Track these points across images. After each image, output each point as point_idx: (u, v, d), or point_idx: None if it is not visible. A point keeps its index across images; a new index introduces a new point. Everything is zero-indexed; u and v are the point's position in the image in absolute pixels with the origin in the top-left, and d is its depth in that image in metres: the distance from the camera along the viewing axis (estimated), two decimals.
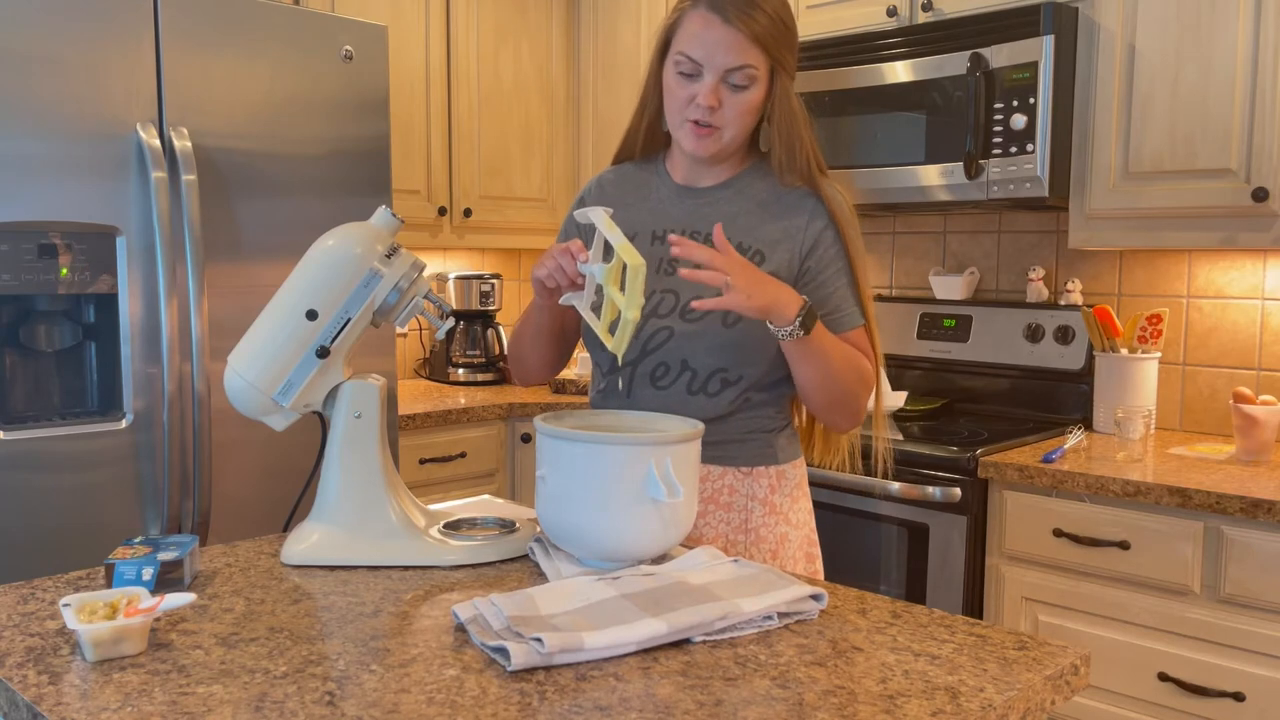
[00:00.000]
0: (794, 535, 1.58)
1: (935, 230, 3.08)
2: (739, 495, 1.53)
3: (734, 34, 1.42)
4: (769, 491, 1.55)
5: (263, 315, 1.39)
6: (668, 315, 1.50)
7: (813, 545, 1.63)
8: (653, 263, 1.54)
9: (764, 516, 1.55)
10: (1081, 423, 2.67)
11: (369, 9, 3.06)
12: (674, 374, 1.51)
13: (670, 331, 1.50)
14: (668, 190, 1.59)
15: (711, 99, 1.45)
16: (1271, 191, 2.19)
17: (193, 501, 2.30)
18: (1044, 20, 2.40)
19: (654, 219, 1.58)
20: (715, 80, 1.45)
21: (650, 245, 1.56)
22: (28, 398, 2.24)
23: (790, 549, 1.57)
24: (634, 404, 1.53)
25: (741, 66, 1.43)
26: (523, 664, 1.01)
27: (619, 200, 1.62)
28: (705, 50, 1.44)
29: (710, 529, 1.53)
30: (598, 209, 1.36)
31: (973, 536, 2.32)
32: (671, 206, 1.57)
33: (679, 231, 1.55)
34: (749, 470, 1.54)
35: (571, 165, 3.68)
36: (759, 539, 1.54)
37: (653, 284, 1.53)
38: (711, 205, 1.55)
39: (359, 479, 1.40)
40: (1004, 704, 0.98)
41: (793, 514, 1.58)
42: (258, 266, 2.40)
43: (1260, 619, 1.98)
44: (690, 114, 1.47)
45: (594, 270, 1.35)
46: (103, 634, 1.04)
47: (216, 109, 2.32)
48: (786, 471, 1.58)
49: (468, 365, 3.54)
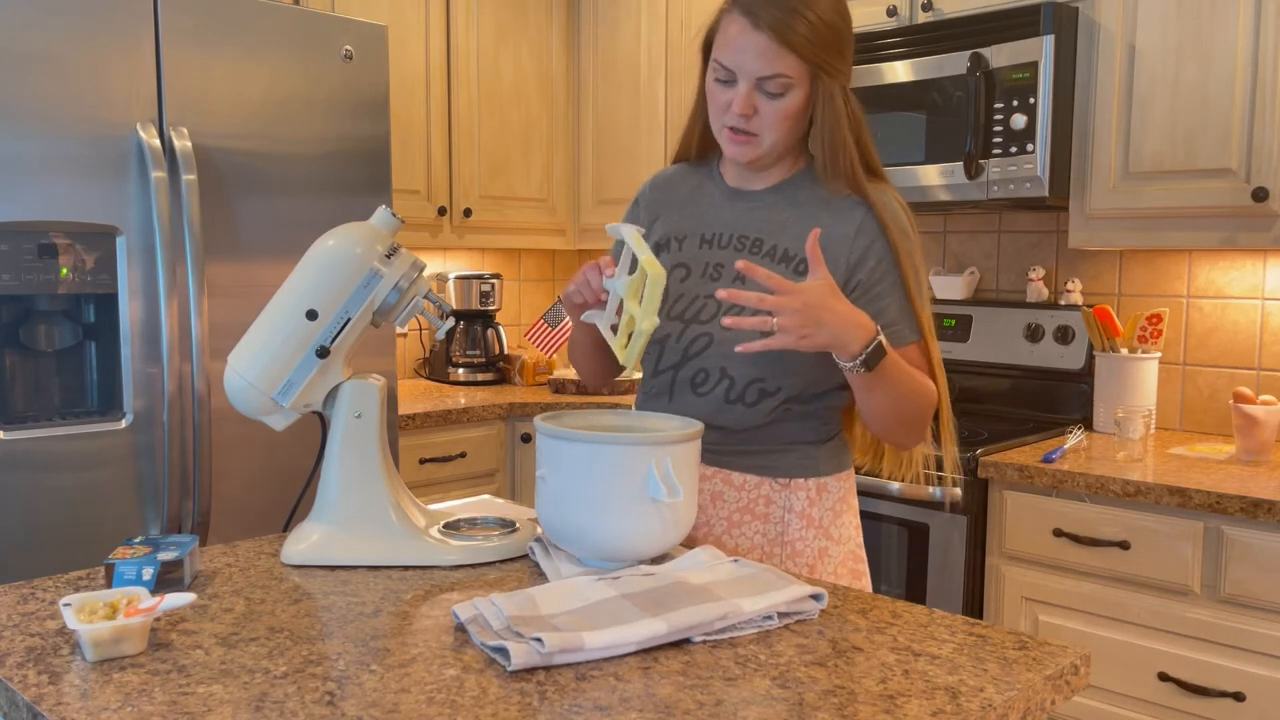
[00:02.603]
0: (835, 550, 1.52)
1: (935, 230, 3.08)
2: (775, 506, 1.49)
3: (766, 41, 1.37)
4: (807, 504, 1.50)
5: (263, 315, 1.39)
6: (709, 321, 1.47)
7: (859, 562, 1.56)
8: (699, 267, 1.51)
9: (801, 530, 1.49)
10: (1081, 423, 2.67)
11: (369, 9, 3.06)
12: (713, 381, 1.48)
13: (710, 338, 1.47)
14: (719, 193, 1.56)
15: (745, 107, 1.41)
16: (1271, 191, 2.19)
17: (193, 501, 2.30)
18: (1044, 20, 2.40)
19: (703, 222, 1.55)
20: (749, 88, 1.40)
21: (699, 248, 1.53)
22: (28, 398, 2.24)
23: (830, 564, 1.51)
24: (675, 408, 1.50)
25: (774, 75, 1.39)
26: (523, 664, 1.01)
27: (670, 202, 1.60)
28: (737, 58, 1.39)
29: (745, 539, 1.49)
30: (629, 226, 1.35)
31: (973, 536, 2.32)
32: (722, 210, 1.54)
33: (727, 236, 1.52)
34: (787, 482, 1.49)
35: (571, 165, 3.68)
36: (795, 552, 1.49)
37: (697, 289, 1.50)
38: (761, 210, 1.51)
39: (359, 479, 1.40)
40: (1004, 704, 0.98)
41: (834, 529, 1.52)
42: (258, 266, 2.40)
43: (1260, 619, 1.98)
44: (727, 120, 1.44)
45: (617, 285, 1.34)
46: (103, 634, 1.04)
47: (216, 109, 2.32)
48: (829, 484, 1.52)
49: (468, 365, 3.54)
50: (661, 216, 1.60)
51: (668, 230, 1.58)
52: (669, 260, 1.55)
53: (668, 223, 1.58)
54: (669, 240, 1.57)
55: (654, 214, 1.61)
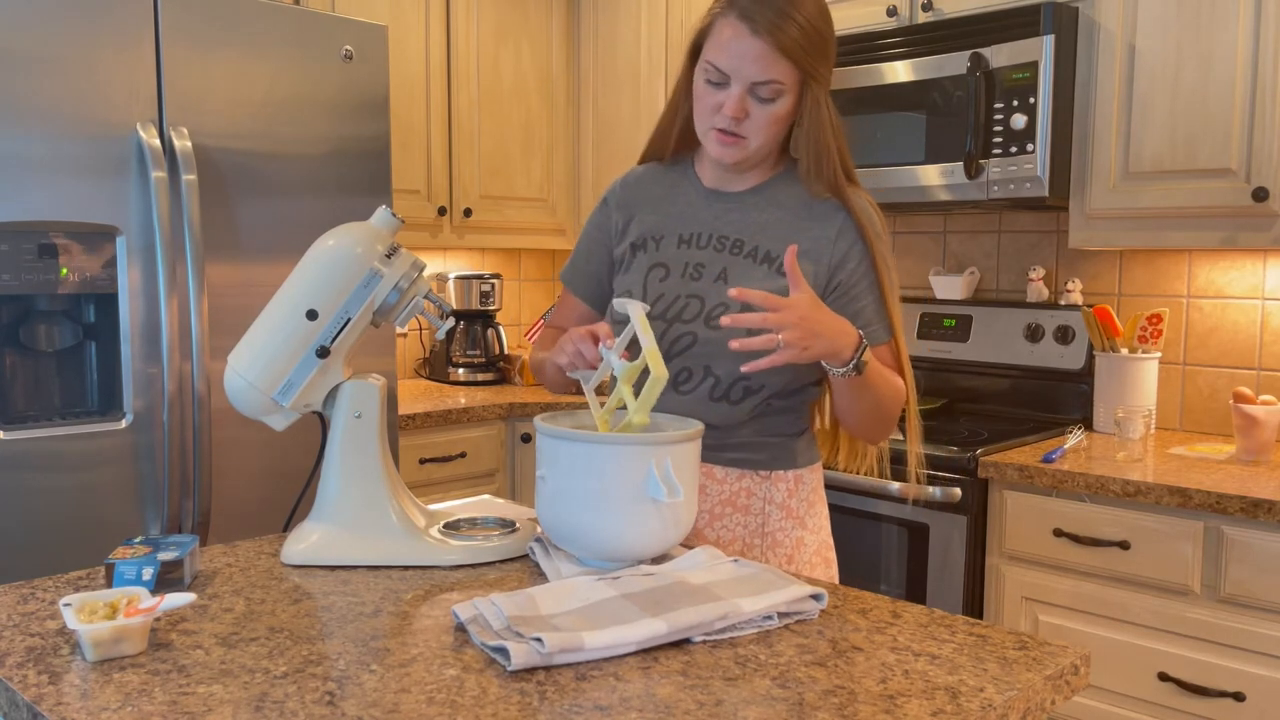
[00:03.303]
0: (810, 540, 1.57)
1: (935, 230, 3.08)
2: (756, 499, 1.53)
3: (762, 46, 1.38)
4: (787, 496, 1.54)
5: (263, 315, 1.39)
6: (692, 321, 1.49)
7: (829, 550, 1.62)
8: (679, 266, 1.53)
9: (781, 521, 1.54)
10: (1081, 423, 2.67)
11: (369, 9, 3.06)
12: (697, 379, 1.50)
13: (694, 337, 1.48)
14: (696, 193, 1.57)
15: (738, 110, 1.42)
16: (1271, 191, 2.19)
17: (193, 501, 2.30)
18: (1044, 20, 2.40)
19: (681, 222, 1.56)
20: (742, 91, 1.42)
21: (677, 248, 1.54)
22: (28, 398, 2.24)
23: (806, 554, 1.56)
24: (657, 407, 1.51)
25: (768, 81, 1.40)
26: (523, 664, 1.01)
27: (644, 201, 1.60)
28: (732, 61, 1.40)
29: (728, 532, 1.52)
30: (636, 303, 1.34)
31: (973, 536, 2.32)
32: (700, 210, 1.55)
33: (706, 236, 1.53)
34: (767, 474, 1.53)
35: (571, 165, 3.68)
36: (775, 543, 1.53)
37: (678, 288, 1.51)
38: (740, 211, 1.53)
39: (359, 479, 1.40)
40: (1004, 704, 0.98)
41: (809, 519, 1.57)
42: (258, 266, 2.40)
43: (1260, 619, 1.98)
44: (716, 122, 1.45)
45: (614, 363, 1.34)
46: (103, 634, 1.04)
47: (216, 109, 2.32)
48: (804, 476, 1.57)
49: (468, 365, 3.54)
50: (636, 216, 1.60)
51: (644, 230, 1.58)
52: (647, 260, 1.55)
53: (643, 222, 1.59)
54: (645, 240, 1.57)
55: (628, 214, 1.61)
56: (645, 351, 1.29)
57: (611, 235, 1.62)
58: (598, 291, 1.65)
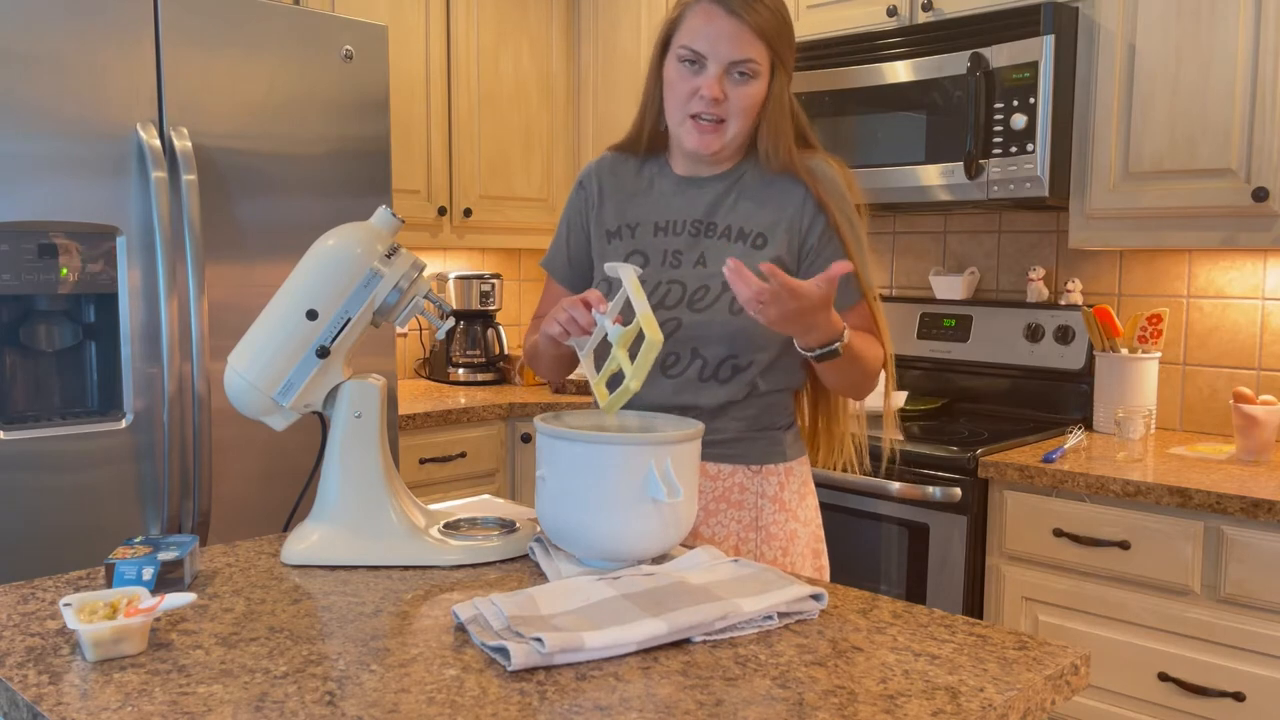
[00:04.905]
0: (802, 532, 1.59)
1: (935, 230, 3.08)
2: (749, 493, 1.55)
3: (738, 25, 1.43)
4: (778, 489, 1.56)
5: (263, 315, 1.39)
6: (675, 306, 1.52)
7: (819, 542, 1.64)
8: (657, 255, 1.55)
9: (774, 514, 1.55)
10: (1081, 423, 2.67)
11: (369, 9, 3.06)
12: (685, 362, 1.52)
13: (678, 322, 1.51)
14: (669, 183, 1.60)
15: (716, 90, 1.45)
16: (1271, 191, 2.19)
17: (193, 501, 2.30)
18: (1044, 20, 2.40)
19: (656, 211, 1.59)
20: (719, 71, 1.45)
21: (654, 236, 1.57)
22: (28, 398, 2.24)
23: (799, 546, 1.58)
24: (646, 392, 1.52)
25: (745, 59, 1.44)
26: (523, 664, 1.01)
27: (619, 188, 1.62)
28: (709, 42, 1.44)
29: (722, 527, 1.54)
30: (628, 267, 1.35)
31: (973, 536, 2.32)
32: (672, 199, 1.58)
33: (680, 222, 1.56)
34: (758, 468, 1.55)
35: (571, 165, 3.68)
36: (769, 536, 1.55)
37: (659, 275, 1.53)
38: (709, 194, 1.56)
39: (359, 479, 1.40)
40: (1004, 704, 0.98)
41: (801, 511, 1.60)
42: (258, 266, 2.40)
43: (1260, 619, 1.98)
44: (693, 108, 1.47)
45: (608, 327, 1.34)
46: (103, 634, 1.04)
47: (216, 109, 2.32)
48: (794, 468, 1.59)
49: (468, 365, 3.54)
50: (612, 201, 1.62)
51: (620, 218, 1.60)
52: (624, 248, 1.58)
53: (620, 211, 1.61)
54: (621, 229, 1.60)
55: (602, 194, 1.63)
56: (639, 316, 1.29)
57: (589, 215, 1.64)
58: (581, 275, 1.67)
